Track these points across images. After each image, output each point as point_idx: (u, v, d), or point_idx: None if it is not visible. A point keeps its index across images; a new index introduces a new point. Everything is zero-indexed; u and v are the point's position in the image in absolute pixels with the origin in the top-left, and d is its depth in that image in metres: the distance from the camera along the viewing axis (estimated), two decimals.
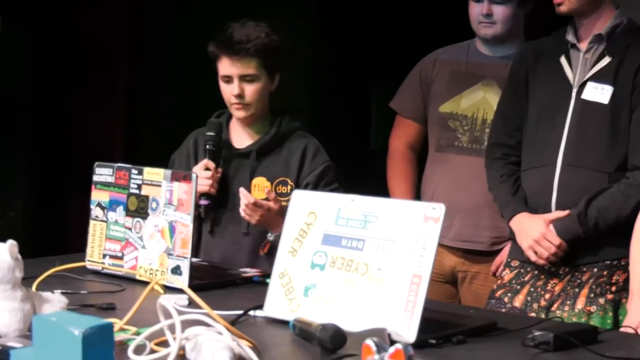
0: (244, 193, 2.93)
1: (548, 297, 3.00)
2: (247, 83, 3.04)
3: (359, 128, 6.68)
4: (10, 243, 2.00)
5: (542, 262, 2.98)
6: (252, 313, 2.30)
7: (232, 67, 3.03)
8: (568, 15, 3.02)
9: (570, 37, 3.04)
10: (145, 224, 2.70)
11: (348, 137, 6.08)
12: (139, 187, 2.72)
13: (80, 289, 2.55)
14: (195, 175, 2.63)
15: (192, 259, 2.61)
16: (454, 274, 3.55)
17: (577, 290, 2.97)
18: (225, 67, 3.04)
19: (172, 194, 2.65)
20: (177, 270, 2.61)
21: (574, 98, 2.99)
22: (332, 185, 3.05)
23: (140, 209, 2.71)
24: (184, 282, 2.55)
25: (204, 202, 3.04)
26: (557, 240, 2.94)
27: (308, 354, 2.00)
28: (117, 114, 5.57)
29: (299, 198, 2.36)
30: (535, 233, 2.95)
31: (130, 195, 2.74)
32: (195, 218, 2.66)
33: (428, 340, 2.06)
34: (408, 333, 2.04)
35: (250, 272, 2.87)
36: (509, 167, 3.14)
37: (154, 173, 2.70)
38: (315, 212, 2.30)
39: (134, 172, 2.74)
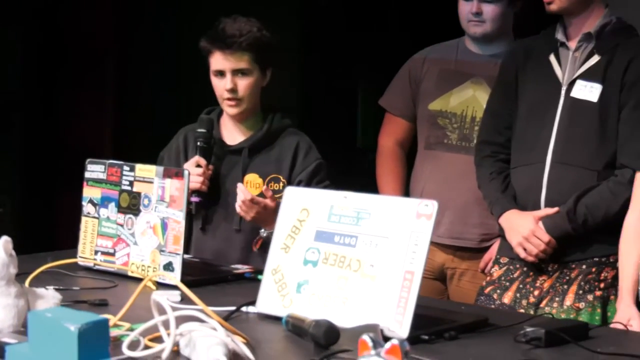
0: (242, 189, 2.93)
1: (537, 293, 3.01)
2: (240, 77, 3.03)
3: (346, 126, 6.69)
4: (5, 239, 2.00)
5: (531, 258, 2.99)
6: (244, 309, 2.30)
7: (225, 61, 3.02)
8: (558, 14, 3.03)
9: (560, 35, 3.05)
10: (137, 221, 2.70)
11: (334, 135, 6.09)
12: (131, 183, 2.73)
13: (73, 286, 2.55)
14: (188, 172, 2.63)
15: (183, 256, 2.61)
16: (443, 271, 3.56)
17: (565, 287, 2.98)
18: (218, 61, 3.03)
19: (164, 191, 2.65)
20: (169, 267, 2.61)
21: (564, 96, 3.00)
22: (324, 183, 3.05)
23: (132, 206, 2.72)
24: (177, 278, 2.54)
25: (195, 199, 3.02)
26: (546, 237, 2.95)
27: (301, 350, 2.00)
28: (107, 113, 5.57)
29: (292, 195, 2.37)
30: (525, 230, 2.96)
31: (122, 192, 2.74)
32: (186, 215, 2.66)
33: (420, 336, 2.07)
34: (401, 329, 2.05)
35: (242, 268, 2.87)
36: (499, 164, 3.14)
37: (146, 170, 2.70)
38: (308, 208, 2.31)
39: (126, 168, 2.74)
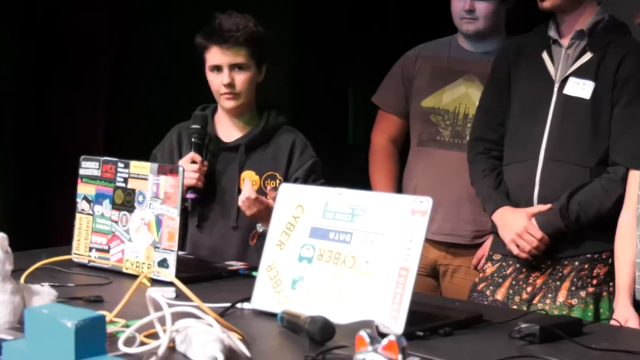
0: (249, 186, 2.93)
1: (530, 290, 3.02)
2: (237, 72, 3.04)
3: (336, 123, 6.70)
4: (1, 236, 2.01)
5: (524, 255, 3.00)
6: (239, 306, 2.31)
7: (222, 55, 3.02)
8: (550, 11, 3.04)
9: (552, 33, 3.06)
10: (132, 217, 2.70)
11: (325, 132, 6.09)
12: (126, 180, 2.73)
13: (67, 282, 2.55)
14: (182, 169, 2.63)
15: (178, 252, 2.62)
16: (436, 267, 3.56)
17: (558, 284, 2.99)
18: (215, 56, 3.03)
19: (158, 187, 2.65)
20: (164, 263, 2.61)
21: (556, 93, 3.01)
22: (319, 181, 3.06)
23: (127, 202, 2.72)
24: (172, 274, 2.54)
25: (191, 195, 3.03)
26: (539, 234, 2.96)
27: (296, 346, 2.00)
28: (99, 112, 5.55)
29: (287, 191, 2.37)
30: (518, 226, 2.97)
31: (117, 189, 2.74)
32: (181, 212, 2.66)
33: (415, 333, 2.08)
34: (396, 325, 2.05)
35: (236, 265, 2.87)
36: (491, 161, 3.15)
37: (141, 166, 2.70)
38: (303, 205, 2.31)
39: (121, 165, 2.74)
